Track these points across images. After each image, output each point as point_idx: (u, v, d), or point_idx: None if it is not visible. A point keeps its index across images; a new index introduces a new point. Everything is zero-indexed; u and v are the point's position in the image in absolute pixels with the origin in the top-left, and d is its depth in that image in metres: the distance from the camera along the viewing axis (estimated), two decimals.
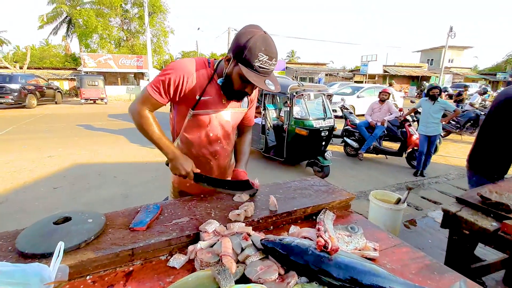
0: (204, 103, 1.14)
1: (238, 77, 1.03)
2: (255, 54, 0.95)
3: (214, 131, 1.22)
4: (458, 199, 1.42)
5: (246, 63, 0.97)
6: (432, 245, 2.53)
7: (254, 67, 0.97)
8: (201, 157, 1.26)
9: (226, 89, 1.12)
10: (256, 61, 0.96)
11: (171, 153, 1.12)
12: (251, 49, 0.95)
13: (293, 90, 4.47)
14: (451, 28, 21.89)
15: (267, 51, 0.96)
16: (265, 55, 0.96)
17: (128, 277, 0.75)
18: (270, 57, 0.97)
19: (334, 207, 1.14)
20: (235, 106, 1.23)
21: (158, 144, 1.13)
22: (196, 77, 1.11)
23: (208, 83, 1.13)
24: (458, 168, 5.14)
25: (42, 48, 31.02)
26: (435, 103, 4.40)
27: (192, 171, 1.12)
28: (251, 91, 1.11)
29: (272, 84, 1.01)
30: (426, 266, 0.82)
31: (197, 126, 1.19)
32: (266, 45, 0.96)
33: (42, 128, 8.11)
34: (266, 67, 0.98)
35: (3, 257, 0.74)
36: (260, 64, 0.96)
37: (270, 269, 0.72)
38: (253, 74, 0.97)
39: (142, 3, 17.31)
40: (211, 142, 1.24)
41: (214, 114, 1.18)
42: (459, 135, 7.91)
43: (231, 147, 1.36)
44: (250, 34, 0.96)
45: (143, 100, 1.12)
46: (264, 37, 0.97)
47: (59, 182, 4.08)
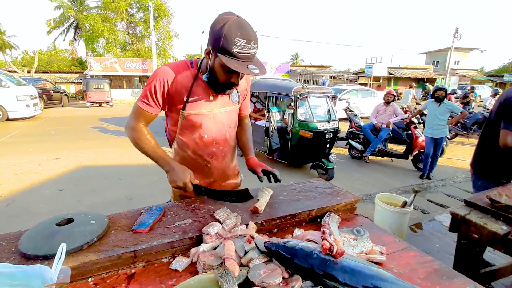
0: (192, 104, 1.13)
1: (220, 68, 1.01)
2: (231, 40, 0.91)
3: (208, 132, 1.20)
4: (466, 202, 1.38)
5: (224, 51, 0.94)
6: (440, 249, 2.48)
7: (233, 54, 0.93)
8: (198, 159, 1.24)
9: (212, 83, 1.09)
10: (234, 47, 0.92)
11: (167, 165, 1.11)
12: (226, 36, 0.91)
13: (297, 92, 4.46)
14: (456, 30, 21.71)
15: (243, 34, 0.92)
16: (242, 39, 0.92)
17: (130, 279, 0.74)
18: (248, 40, 0.93)
19: (339, 210, 1.12)
20: (227, 104, 1.21)
21: (153, 157, 1.13)
22: (179, 80, 1.10)
23: (193, 83, 1.11)
24: (465, 170, 5.06)
25: (50, 52, 31.56)
26: (440, 105, 4.35)
27: (190, 182, 1.08)
28: (238, 80, 1.07)
29: (256, 68, 0.97)
30: (434, 270, 0.79)
31: (190, 127, 1.18)
32: (242, 29, 0.92)
33: (49, 130, 8.21)
34: (245, 51, 0.94)
35: (6, 258, 0.74)
36: (238, 49, 0.93)
37: (274, 272, 0.71)
38: (234, 61, 0.94)
39: (147, 7, 17.53)
40: (206, 144, 1.22)
41: (206, 114, 1.16)
42: (466, 137, 7.80)
43: (229, 148, 1.32)
44: (223, 21, 0.93)
45: (135, 116, 1.14)
46: (238, 21, 0.93)
47: (65, 184, 4.11)
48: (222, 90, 1.13)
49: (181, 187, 1.07)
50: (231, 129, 1.29)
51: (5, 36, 24.33)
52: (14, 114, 9.75)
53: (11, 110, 9.68)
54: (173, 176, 1.08)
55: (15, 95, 9.68)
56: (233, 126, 1.30)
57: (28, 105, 10.01)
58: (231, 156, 1.36)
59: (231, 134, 1.30)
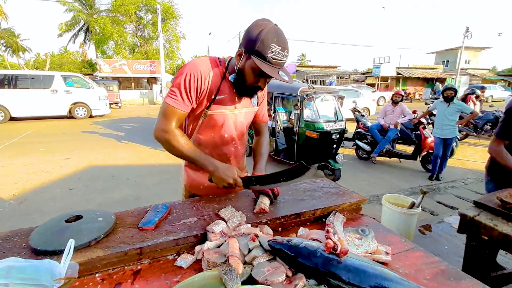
0: (219, 102, 1.12)
1: (251, 70, 1.01)
2: (267, 45, 0.94)
3: (229, 131, 1.20)
4: (476, 203, 1.36)
5: (259, 54, 0.96)
6: (449, 252, 2.44)
7: (267, 59, 0.95)
8: (216, 158, 1.25)
9: (238, 85, 1.09)
10: (269, 52, 0.94)
11: (211, 165, 1.06)
12: (263, 40, 0.94)
13: (303, 93, 4.45)
14: (467, 29, 21.28)
15: (279, 42, 0.95)
16: (278, 45, 0.95)
17: (136, 275, 0.75)
18: (283, 47, 0.96)
19: (345, 210, 1.12)
20: (247, 105, 1.22)
21: (194, 158, 1.08)
22: (213, 76, 1.09)
23: (221, 81, 1.11)
24: (476, 172, 4.95)
25: (61, 55, 32.31)
26: (450, 104, 4.27)
27: (238, 177, 1.06)
28: (264, 85, 1.08)
29: (285, 76, 1.00)
30: (441, 271, 0.78)
31: (211, 126, 1.17)
32: (278, 36, 0.95)
33: (59, 131, 8.40)
34: (279, 58, 0.96)
35: (17, 253, 0.76)
36: (273, 55, 0.95)
37: (278, 270, 0.71)
38: (267, 66, 0.96)
39: (156, 10, 17.75)
40: (225, 143, 1.22)
41: (229, 113, 1.17)
42: (477, 138, 7.62)
43: (244, 148, 1.35)
44: (262, 26, 0.96)
45: (166, 116, 1.06)
46: (275, 28, 0.96)
47: (75, 183, 4.20)
48: (245, 94, 1.14)
49: (231, 184, 1.04)
50: (246, 130, 1.32)
51: (19, 40, 25.02)
52: (96, 111, 11.36)
53: (94, 108, 11.26)
54: (220, 175, 1.04)
55: (97, 95, 11.21)
56: (247, 127, 1.32)
57: (106, 104, 11.69)
58: (244, 156, 1.39)
59: (246, 135, 1.33)
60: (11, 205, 3.46)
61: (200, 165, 1.08)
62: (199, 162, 1.08)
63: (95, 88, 11.32)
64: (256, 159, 1.34)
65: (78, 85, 11.03)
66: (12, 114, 10.09)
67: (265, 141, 1.39)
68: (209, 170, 1.07)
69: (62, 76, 10.77)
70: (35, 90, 10.17)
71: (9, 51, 25.25)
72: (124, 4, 21.24)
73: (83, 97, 11.00)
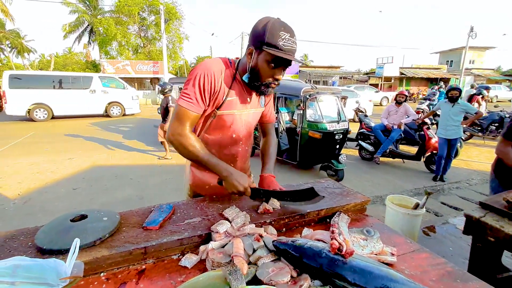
0: (229, 103, 1.12)
1: (265, 63, 1.01)
2: (276, 34, 0.96)
3: (237, 132, 1.20)
4: (482, 204, 1.34)
5: (270, 45, 0.97)
6: (454, 253, 2.41)
7: (279, 46, 0.96)
8: (221, 159, 1.21)
9: (253, 83, 1.08)
10: (279, 39, 0.96)
11: (225, 171, 1.05)
12: (271, 30, 0.96)
13: (306, 93, 4.44)
14: (471, 28, 21.10)
15: (286, 29, 0.97)
16: (286, 32, 0.97)
17: (141, 275, 0.75)
18: (291, 34, 0.98)
19: (349, 210, 1.11)
20: (255, 106, 1.23)
21: (208, 163, 1.07)
22: (225, 77, 1.09)
23: (232, 82, 1.11)
24: (481, 173, 4.90)
25: (65, 55, 32.56)
26: (454, 105, 4.23)
27: (249, 187, 1.05)
28: (281, 75, 1.07)
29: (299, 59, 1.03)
30: (447, 273, 0.77)
31: (220, 126, 1.17)
32: (284, 25, 0.98)
33: (64, 131, 8.46)
34: (289, 44, 0.97)
35: (23, 252, 0.76)
36: (283, 42, 0.96)
37: (282, 271, 0.71)
38: (281, 53, 0.97)
39: (159, 10, 17.83)
40: (233, 143, 1.22)
41: (237, 114, 1.17)
42: (482, 138, 7.55)
43: (250, 149, 1.35)
44: (265, 20, 0.99)
45: (180, 119, 1.05)
46: (279, 20, 0.99)
47: (78, 183, 4.22)
48: (262, 91, 1.11)
49: (241, 191, 1.04)
50: (253, 130, 1.32)
51: (24, 41, 25.25)
52: (129, 110, 12.14)
53: (128, 107, 12.04)
54: (233, 181, 1.04)
55: (130, 95, 12.09)
56: (254, 127, 1.32)
57: (137, 103, 12.43)
58: (249, 156, 1.39)
59: (252, 135, 1.33)
60: (16, 204, 3.49)
61: (215, 170, 1.07)
62: (213, 167, 1.07)
63: (128, 88, 12.17)
64: (264, 159, 1.33)
65: (113, 85, 11.79)
66: (54, 113, 10.72)
67: (273, 142, 1.38)
68: (223, 175, 1.06)
69: (99, 77, 11.57)
70: (76, 90, 10.88)
71: (15, 52, 25.49)
72: (127, 5, 21.36)
73: (118, 97, 11.74)
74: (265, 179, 1.21)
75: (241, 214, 0.95)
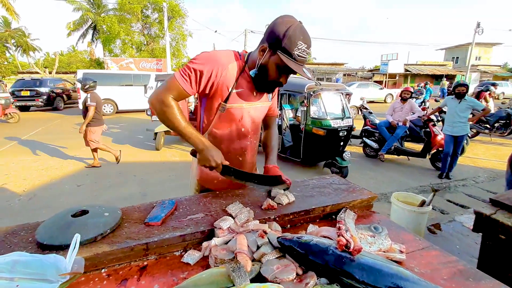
0: (236, 96, 1.12)
1: (275, 66, 1.03)
2: (294, 43, 0.96)
3: (246, 125, 1.20)
4: (492, 201, 1.30)
5: (285, 51, 0.97)
6: (461, 251, 2.37)
7: (293, 56, 0.97)
8: (230, 153, 1.23)
9: (258, 80, 1.10)
10: (295, 49, 0.96)
11: (201, 144, 1.06)
12: (290, 37, 0.95)
13: (310, 90, 4.39)
14: (478, 24, 20.75)
15: (305, 39, 0.97)
16: (304, 43, 0.97)
17: (142, 271, 0.74)
18: (308, 45, 0.98)
19: (355, 207, 1.08)
20: (263, 100, 1.23)
21: (186, 134, 1.06)
22: (230, 70, 1.09)
23: (239, 75, 1.11)
24: (487, 170, 4.83)
25: (69, 54, 32.75)
26: (461, 101, 4.15)
27: (221, 163, 1.07)
28: (285, 81, 1.10)
29: (307, 72, 1.04)
30: (459, 271, 0.75)
31: (228, 120, 1.17)
32: (304, 33, 0.98)
33: (68, 128, 8.51)
34: (303, 55, 0.99)
35: (23, 247, 0.75)
36: (299, 52, 0.97)
37: (288, 268, 0.68)
38: (293, 62, 0.98)
39: (162, 8, 17.80)
40: (242, 137, 1.22)
41: (246, 108, 1.17)
42: (489, 135, 7.43)
43: (258, 142, 1.35)
44: (288, 23, 0.97)
45: (168, 87, 1.05)
46: (301, 26, 0.99)
47: (83, 180, 4.24)
48: (265, 90, 1.15)
49: (212, 166, 1.05)
50: (260, 124, 1.33)
51: (29, 39, 25.41)
52: None
53: None
54: (207, 155, 1.04)
55: None
56: (261, 121, 1.33)
57: None
58: (257, 150, 1.38)
59: (260, 129, 1.33)
60: (21, 200, 3.51)
61: (191, 141, 1.07)
62: (189, 137, 1.07)
63: None
64: (267, 151, 1.35)
65: None
66: (119, 108, 11.75)
67: (274, 134, 1.39)
68: (199, 147, 1.06)
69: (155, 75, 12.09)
70: (137, 87, 11.75)
71: (20, 50, 25.68)
72: (130, 2, 21.36)
73: None
74: (270, 170, 1.24)
75: (245, 210, 0.93)
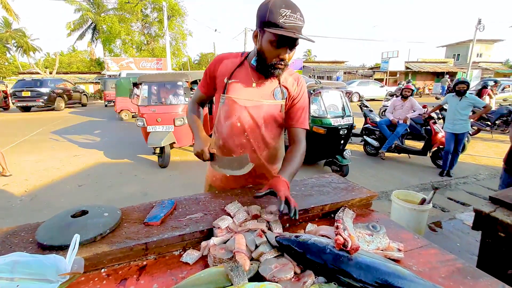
0: (233, 87, 1.16)
1: (269, 44, 1.00)
2: (277, 12, 0.93)
3: (242, 121, 1.16)
4: (492, 198, 1.30)
5: (271, 24, 0.95)
6: (461, 249, 2.37)
7: (279, 24, 0.94)
8: (227, 149, 1.23)
9: (260, 66, 1.08)
10: (279, 17, 0.93)
11: (196, 135, 1.18)
12: (271, 9, 0.94)
13: (310, 88, 4.39)
14: (479, 21, 20.63)
15: (288, 5, 0.94)
16: (287, 9, 0.93)
17: (142, 271, 0.74)
18: (293, 10, 0.94)
19: (354, 205, 1.09)
20: (267, 97, 1.15)
21: (191, 127, 1.26)
22: (226, 64, 1.19)
23: (236, 67, 1.17)
24: (488, 168, 4.82)
25: (70, 54, 32.78)
26: (462, 98, 4.14)
27: (207, 151, 1.09)
28: (286, 55, 1.03)
29: (304, 36, 0.96)
30: (457, 269, 0.75)
31: (226, 114, 1.19)
32: (286, 1, 0.95)
33: (69, 129, 8.53)
34: (291, 21, 0.94)
35: (23, 248, 0.76)
36: (284, 19, 0.93)
37: (286, 267, 0.69)
38: (282, 30, 0.94)
39: (162, 7, 17.78)
40: (238, 133, 1.19)
41: (243, 101, 1.15)
42: (490, 133, 7.41)
43: (262, 144, 1.22)
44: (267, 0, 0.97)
45: (195, 95, 1.34)
46: None
47: (84, 180, 4.25)
48: (269, 74, 1.08)
49: (199, 153, 1.12)
50: (269, 126, 1.20)
51: (30, 40, 25.43)
52: None
53: None
54: (195, 144, 1.14)
55: None
56: (272, 124, 1.20)
57: None
58: (267, 155, 1.25)
59: (268, 132, 1.20)
60: (23, 201, 3.53)
61: (192, 132, 1.24)
62: (192, 131, 1.24)
63: None
64: (283, 163, 1.15)
65: None
66: None
67: (297, 150, 1.16)
68: (194, 139, 1.19)
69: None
70: None
71: (20, 51, 25.72)
72: (130, 2, 21.35)
73: None
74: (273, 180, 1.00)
75: (243, 210, 0.93)
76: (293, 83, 1.20)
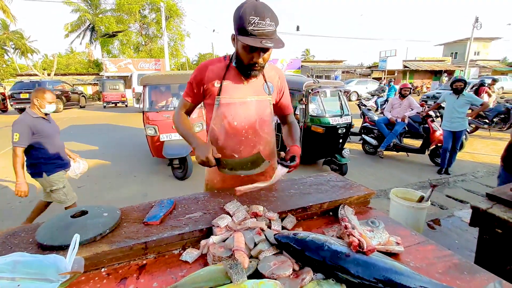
0: (226, 89, 1.19)
1: (242, 49, 1.07)
2: (246, 19, 0.97)
3: (238, 119, 1.21)
4: (489, 195, 1.31)
5: (242, 31, 1.00)
6: (460, 246, 2.39)
7: (248, 32, 0.99)
8: (226, 149, 1.24)
9: (240, 67, 1.16)
10: (248, 25, 0.97)
11: (194, 142, 1.16)
12: (242, 17, 0.99)
13: (308, 87, 4.40)
14: (476, 19, 20.70)
15: (257, 12, 0.98)
16: (255, 16, 0.97)
17: (141, 270, 0.75)
18: (261, 17, 0.98)
19: (352, 203, 1.09)
20: (258, 93, 1.24)
21: (185, 136, 1.21)
22: (211, 69, 1.20)
23: (226, 71, 1.20)
24: (486, 165, 4.84)
25: (68, 55, 32.66)
26: (459, 96, 4.16)
27: (212, 157, 1.07)
28: (259, 59, 1.09)
29: (270, 43, 1.00)
30: (454, 265, 0.76)
31: (222, 114, 1.21)
32: (256, 8, 0.98)
33: (68, 130, 8.51)
34: (260, 28, 0.98)
35: (24, 248, 0.76)
36: (252, 27, 0.98)
37: (284, 264, 0.70)
38: (250, 39, 0.99)
39: (159, 8, 17.76)
40: (236, 132, 1.22)
41: (237, 100, 1.20)
42: (487, 130, 7.44)
43: (260, 139, 1.27)
44: (241, 6, 1.01)
45: (179, 105, 1.32)
46: (254, 3, 1.00)
47: (83, 181, 4.24)
48: (249, 74, 1.16)
49: (204, 161, 1.08)
50: (263, 121, 1.26)
51: (27, 41, 25.35)
52: None
53: None
54: (197, 152, 1.11)
55: None
56: (265, 118, 1.27)
57: None
58: (264, 151, 1.29)
59: (263, 126, 1.27)
60: (22, 203, 3.52)
61: (187, 141, 1.21)
62: (187, 139, 1.21)
63: None
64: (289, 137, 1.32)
65: None
66: None
67: (294, 125, 1.37)
68: (192, 146, 1.17)
69: None
70: None
71: (18, 53, 25.63)
72: (128, 3, 21.31)
73: None
74: (289, 149, 1.21)
75: (242, 208, 0.94)
76: (276, 77, 1.30)
